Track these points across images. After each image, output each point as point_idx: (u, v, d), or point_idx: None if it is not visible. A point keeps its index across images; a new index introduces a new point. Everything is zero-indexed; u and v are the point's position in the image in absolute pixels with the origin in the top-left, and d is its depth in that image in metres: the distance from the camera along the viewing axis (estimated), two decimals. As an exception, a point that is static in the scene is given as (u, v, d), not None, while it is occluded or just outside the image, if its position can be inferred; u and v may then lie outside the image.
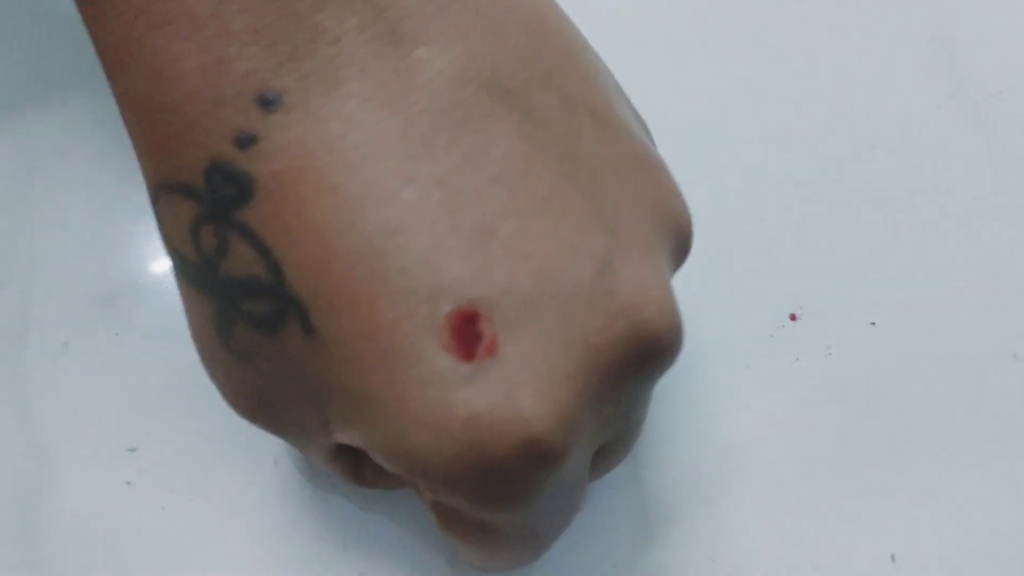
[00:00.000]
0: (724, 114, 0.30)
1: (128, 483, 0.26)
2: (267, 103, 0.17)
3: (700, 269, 0.22)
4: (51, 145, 0.29)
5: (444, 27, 0.18)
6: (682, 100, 0.30)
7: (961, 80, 0.31)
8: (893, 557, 0.25)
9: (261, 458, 0.26)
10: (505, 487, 0.18)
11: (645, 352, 0.18)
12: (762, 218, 0.28)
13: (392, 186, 0.17)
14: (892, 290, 0.28)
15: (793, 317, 0.27)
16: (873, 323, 0.27)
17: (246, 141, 0.17)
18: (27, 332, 0.27)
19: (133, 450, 0.26)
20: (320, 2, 0.17)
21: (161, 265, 0.28)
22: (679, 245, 0.20)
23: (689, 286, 0.24)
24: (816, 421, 0.26)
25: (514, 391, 0.17)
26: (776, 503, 0.25)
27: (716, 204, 0.28)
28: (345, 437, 0.19)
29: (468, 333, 0.17)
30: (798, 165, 0.29)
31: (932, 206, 0.29)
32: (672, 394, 0.26)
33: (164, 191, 0.18)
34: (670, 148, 0.23)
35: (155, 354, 0.27)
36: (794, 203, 0.29)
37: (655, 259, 0.19)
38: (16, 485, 0.26)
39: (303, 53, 0.17)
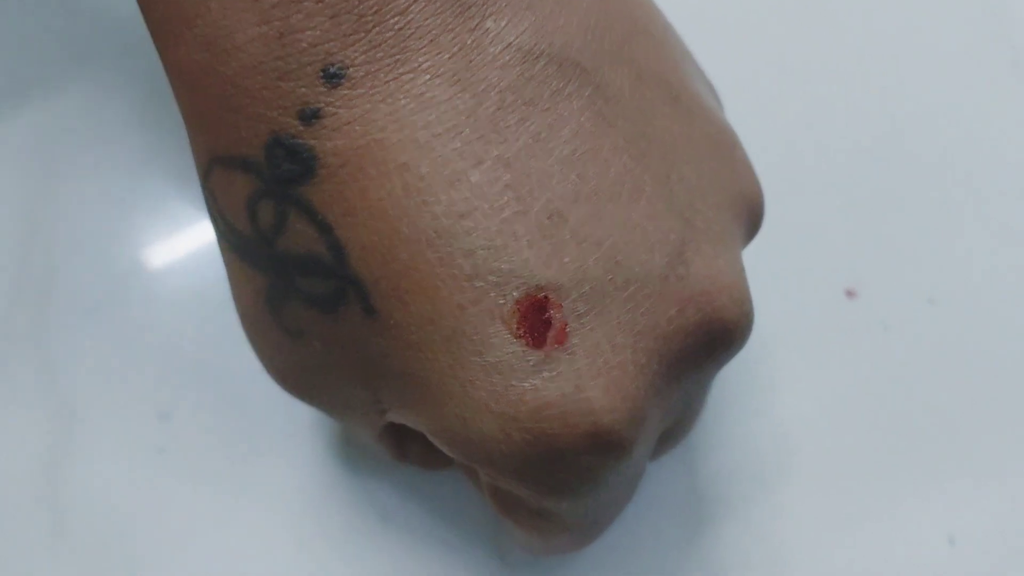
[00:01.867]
0: (779, 85, 0.30)
1: (160, 450, 0.26)
2: (333, 76, 0.17)
3: (753, 245, 0.22)
4: (83, 110, 0.29)
5: None
6: (740, 69, 0.30)
7: (1020, 49, 0.30)
8: (951, 539, 0.25)
9: (297, 428, 0.27)
10: (570, 478, 0.18)
11: (715, 340, 0.19)
12: (817, 191, 0.28)
13: (460, 167, 0.17)
14: (951, 266, 0.28)
15: (850, 294, 0.28)
16: (931, 300, 0.28)
17: (310, 115, 0.17)
18: (55, 295, 0.27)
19: (165, 417, 0.27)
20: None
21: (194, 234, 0.29)
22: (751, 224, 0.20)
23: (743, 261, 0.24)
24: (873, 401, 0.27)
25: (584, 382, 0.17)
26: (833, 485, 0.26)
27: (770, 177, 0.28)
28: (399, 418, 0.20)
29: (537, 320, 0.17)
30: (855, 138, 0.29)
31: (993, 180, 0.29)
32: (727, 373, 0.26)
33: (219, 164, 0.18)
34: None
35: (187, 321, 0.27)
36: (850, 177, 0.29)
37: (728, 244, 0.19)
38: (43, 450, 0.26)
39: (370, 23, 0.17)
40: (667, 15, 0.21)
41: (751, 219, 0.20)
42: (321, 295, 0.18)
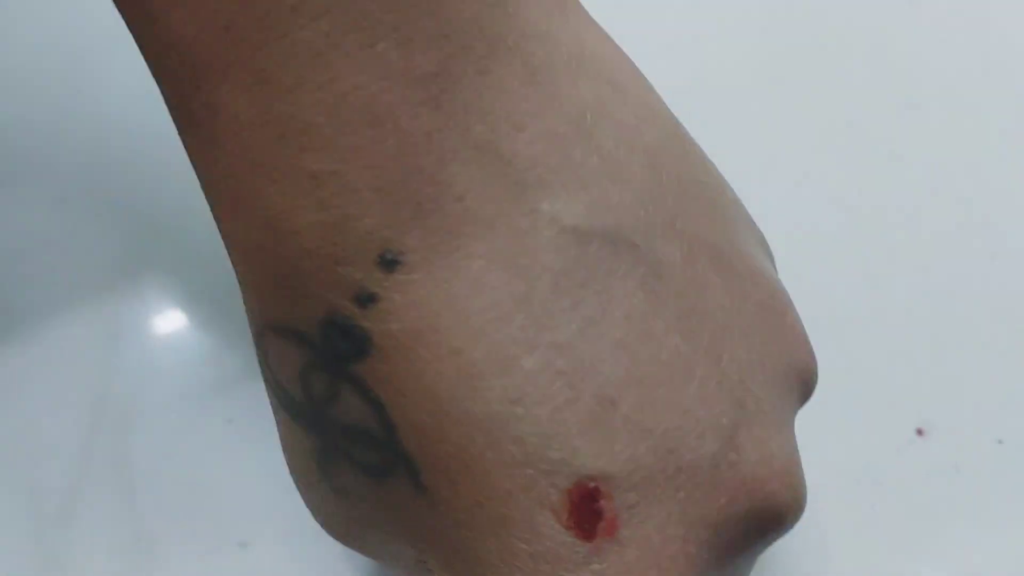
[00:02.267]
0: (840, 229, 0.29)
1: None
2: (389, 263, 0.17)
3: (823, 383, 0.22)
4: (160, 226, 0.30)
5: (568, 177, 0.17)
6: (796, 213, 0.29)
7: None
8: None
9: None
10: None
11: (765, 526, 0.18)
12: (887, 329, 0.28)
13: (513, 353, 0.17)
14: (1019, 405, 0.27)
15: (920, 433, 0.27)
16: (1000, 441, 0.27)
17: (366, 300, 0.17)
18: (136, 420, 0.28)
19: (244, 546, 0.27)
20: (446, 157, 0.17)
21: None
22: (803, 392, 0.20)
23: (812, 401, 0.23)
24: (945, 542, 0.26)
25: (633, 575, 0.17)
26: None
27: (836, 314, 0.28)
28: None
29: (588, 511, 0.17)
30: (924, 277, 0.29)
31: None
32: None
33: (272, 331, 0.19)
34: (786, 261, 0.22)
35: (263, 445, 0.28)
36: (920, 314, 0.28)
37: (779, 422, 0.19)
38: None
39: (427, 210, 0.17)
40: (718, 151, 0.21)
41: (803, 388, 0.20)
42: (371, 464, 0.18)
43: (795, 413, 0.20)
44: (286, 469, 0.27)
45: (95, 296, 0.30)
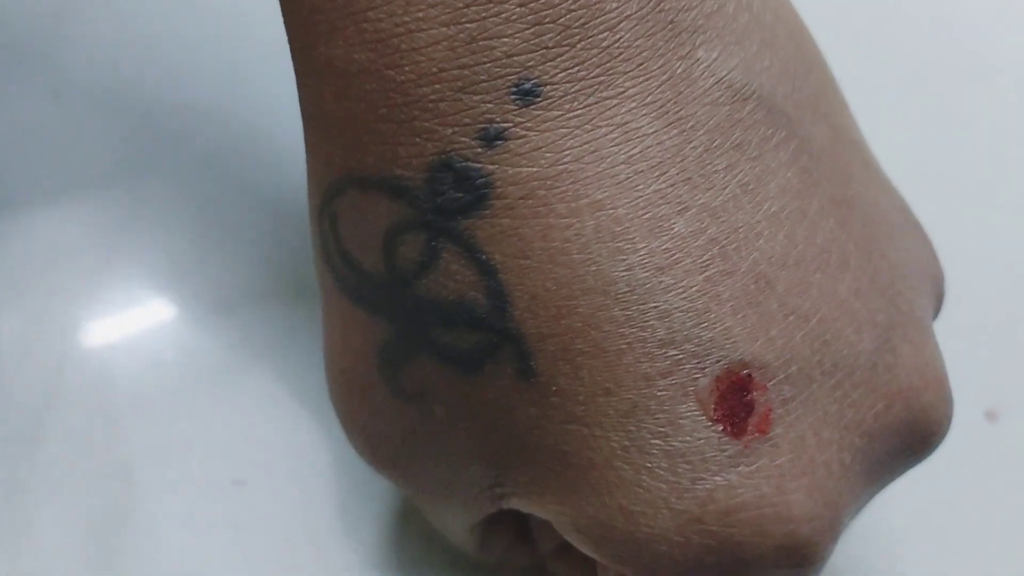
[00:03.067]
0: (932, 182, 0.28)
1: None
2: (527, 93, 0.15)
3: None
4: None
5: (723, 28, 0.16)
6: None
7: None
8: None
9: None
10: None
11: (916, 442, 0.17)
12: (961, 300, 0.26)
13: (664, 213, 0.15)
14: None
15: (991, 416, 0.26)
16: (1071, 428, 0.26)
17: (493, 136, 0.15)
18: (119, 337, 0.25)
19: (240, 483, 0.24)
20: None
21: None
22: (937, 308, 0.19)
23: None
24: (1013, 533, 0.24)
25: (785, 484, 0.15)
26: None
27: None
28: (524, 505, 0.17)
29: (738, 403, 0.15)
30: (993, 254, 0.28)
31: None
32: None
33: (355, 186, 0.16)
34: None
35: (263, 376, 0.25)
36: (1000, 287, 0.27)
37: (928, 332, 0.17)
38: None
39: (576, 37, 0.15)
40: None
41: (937, 303, 0.19)
42: (464, 351, 0.16)
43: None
44: (287, 401, 0.24)
45: (89, 195, 0.27)
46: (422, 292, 0.16)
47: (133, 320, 0.26)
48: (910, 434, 0.16)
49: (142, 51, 0.29)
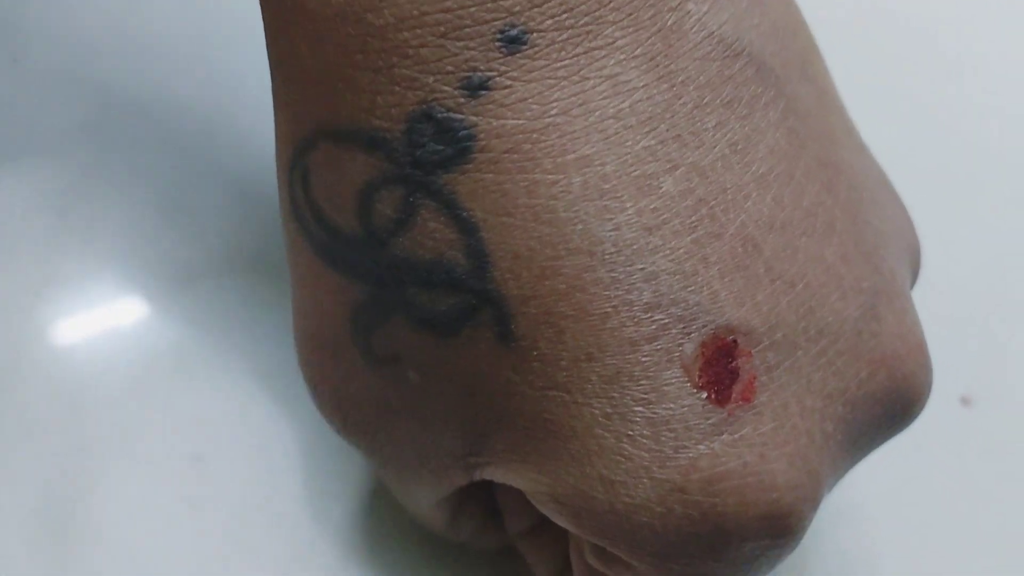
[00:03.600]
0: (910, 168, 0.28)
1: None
2: (513, 40, 0.14)
3: None
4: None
5: None
6: None
7: None
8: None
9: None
10: (724, 568, 0.15)
11: (897, 411, 0.17)
12: (938, 286, 0.26)
13: (652, 170, 0.14)
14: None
15: (965, 401, 0.26)
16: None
17: (477, 85, 0.14)
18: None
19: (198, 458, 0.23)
20: None
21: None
22: (913, 278, 0.19)
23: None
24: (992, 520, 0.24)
25: (768, 452, 0.15)
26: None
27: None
28: (498, 475, 0.17)
29: (723, 370, 0.14)
30: (971, 242, 0.28)
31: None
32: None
33: (328, 139, 0.15)
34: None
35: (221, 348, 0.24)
36: (976, 274, 0.27)
37: (910, 300, 0.17)
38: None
39: None
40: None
41: (914, 273, 0.18)
42: (441, 313, 0.15)
43: None
44: (248, 376, 0.24)
45: (44, 162, 0.26)
46: (398, 251, 0.15)
47: (89, 292, 0.25)
48: (892, 402, 0.16)
49: (104, 18, 0.28)
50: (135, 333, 0.25)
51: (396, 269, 0.15)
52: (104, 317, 0.25)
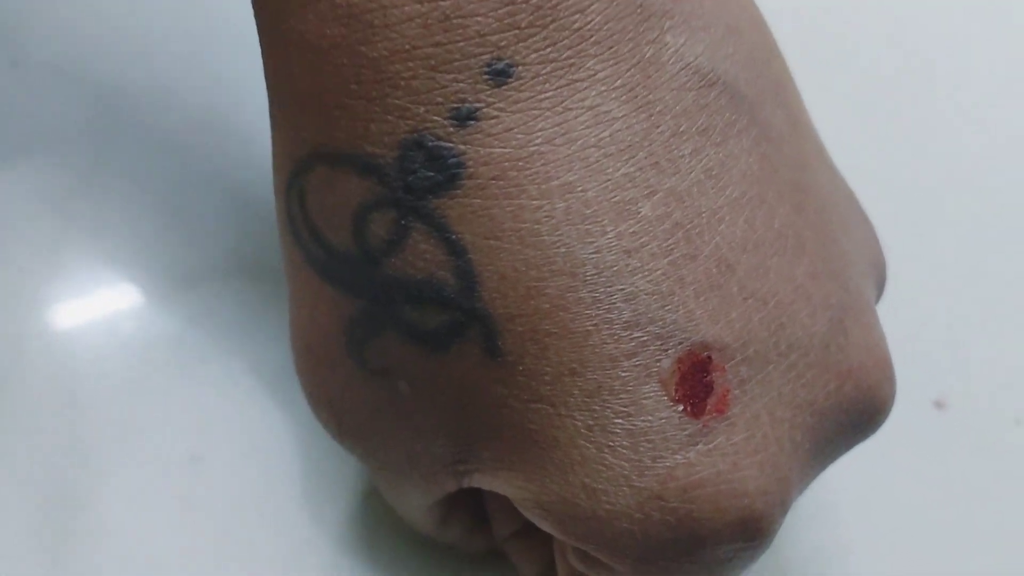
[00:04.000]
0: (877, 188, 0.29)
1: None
2: (499, 73, 0.15)
3: None
4: None
5: (690, 13, 0.16)
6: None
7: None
8: None
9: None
10: (699, 567, 0.16)
11: (863, 420, 0.17)
12: (913, 292, 0.27)
13: (631, 196, 0.15)
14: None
15: (939, 405, 0.26)
16: (1018, 421, 0.27)
17: (465, 115, 0.15)
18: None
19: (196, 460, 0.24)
20: None
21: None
22: (879, 294, 0.20)
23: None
24: (965, 522, 0.25)
25: (740, 461, 0.16)
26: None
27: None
28: (486, 483, 0.18)
29: (698, 384, 0.15)
30: (945, 248, 0.29)
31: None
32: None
33: (324, 162, 0.16)
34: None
35: (219, 350, 0.25)
36: (951, 281, 0.28)
37: (875, 315, 0.18)
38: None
39: (548, 19, 0.15)
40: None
41: (879, 289, 0.19)
42: (432, 329, 0.16)
43: None
44: (246, 377, 0.25)
45: (46, 165, 0.27)
46: (391, 270, 0.16)
47: (91, 294, 0.26)
48: (858, 412, 0.17)
49: (105, 22, 0.28)
50: (134, 334, 0.25)
51: (388, 287, 0.16)
52: (104, 318, 0.26)
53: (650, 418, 0.15)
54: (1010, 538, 0.26)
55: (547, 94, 0.15)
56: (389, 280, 0.16)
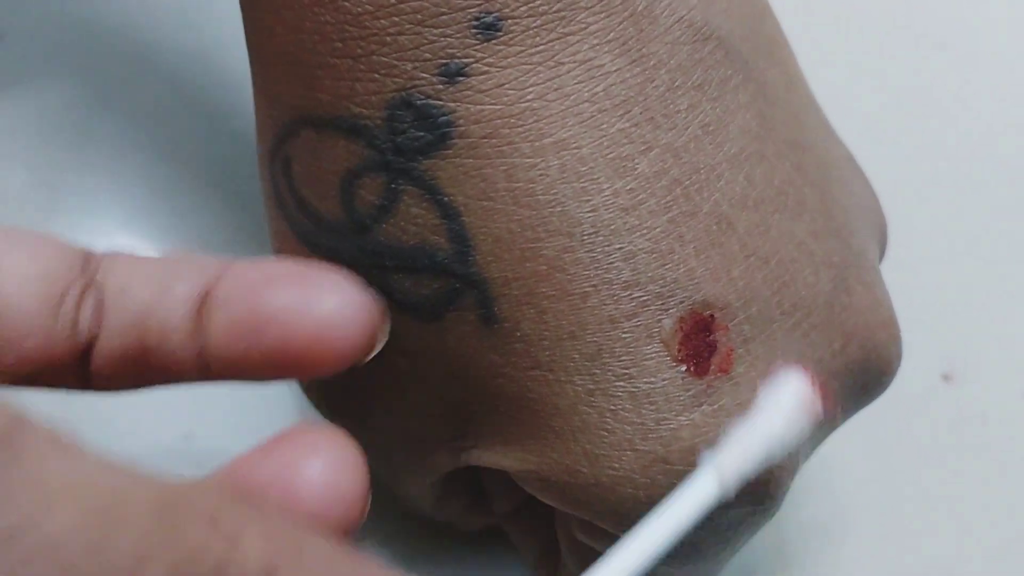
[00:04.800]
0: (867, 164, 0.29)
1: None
2: (488, 27, 0.15)
3: None
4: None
5: None
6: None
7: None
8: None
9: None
10: (707, 532, 0.16)
11: (869, 381, 0.17)
12: (922, 264, 0.27)
13: (628, 153, 0.15)
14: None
15: (947, 378, 0.26)
16: (1024, 393, 0.26)
17: (455, 71, 0.15)
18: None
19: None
20: None
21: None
22: (881, 252, 0.19)
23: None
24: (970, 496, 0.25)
25: None
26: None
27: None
28: (486, 458, 0.17)
29: (701, 343, 0.15)
30: (953, 216, 0.28)
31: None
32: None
33: (309, 126, 0.16)
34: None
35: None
36: (958, 248, 0.28)
37: (878, 274, 0.18)
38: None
39: None
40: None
41: (881, 248, 0.19)
42: (424, 297, 0.16)
43: None
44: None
45: (35, 139, 0.26)
46: (382, 237, 0.16)
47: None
48: (864, 372, 0.17)
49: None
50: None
51: (379, 255, 0.16)
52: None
53: (653, 379, 0.15)
54: (1017, 513, 0.25)
55: (538, 48, 0.15)
56: (380, 247, 0.16)
